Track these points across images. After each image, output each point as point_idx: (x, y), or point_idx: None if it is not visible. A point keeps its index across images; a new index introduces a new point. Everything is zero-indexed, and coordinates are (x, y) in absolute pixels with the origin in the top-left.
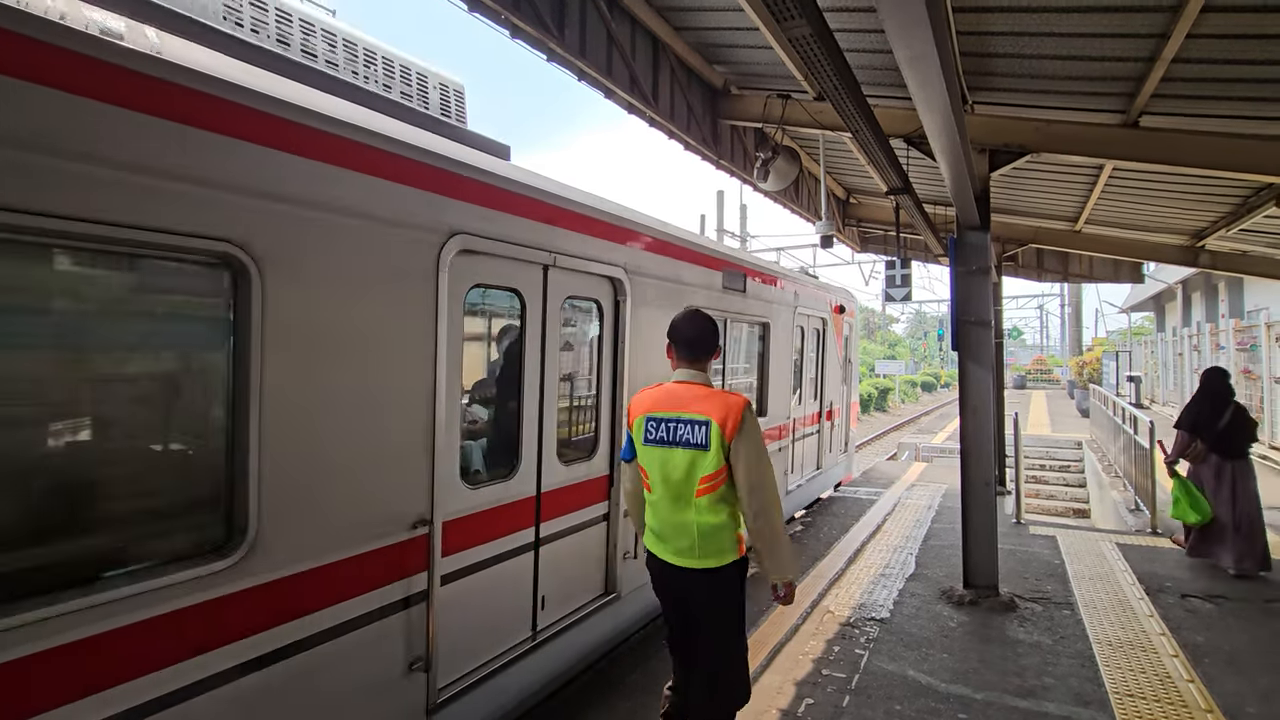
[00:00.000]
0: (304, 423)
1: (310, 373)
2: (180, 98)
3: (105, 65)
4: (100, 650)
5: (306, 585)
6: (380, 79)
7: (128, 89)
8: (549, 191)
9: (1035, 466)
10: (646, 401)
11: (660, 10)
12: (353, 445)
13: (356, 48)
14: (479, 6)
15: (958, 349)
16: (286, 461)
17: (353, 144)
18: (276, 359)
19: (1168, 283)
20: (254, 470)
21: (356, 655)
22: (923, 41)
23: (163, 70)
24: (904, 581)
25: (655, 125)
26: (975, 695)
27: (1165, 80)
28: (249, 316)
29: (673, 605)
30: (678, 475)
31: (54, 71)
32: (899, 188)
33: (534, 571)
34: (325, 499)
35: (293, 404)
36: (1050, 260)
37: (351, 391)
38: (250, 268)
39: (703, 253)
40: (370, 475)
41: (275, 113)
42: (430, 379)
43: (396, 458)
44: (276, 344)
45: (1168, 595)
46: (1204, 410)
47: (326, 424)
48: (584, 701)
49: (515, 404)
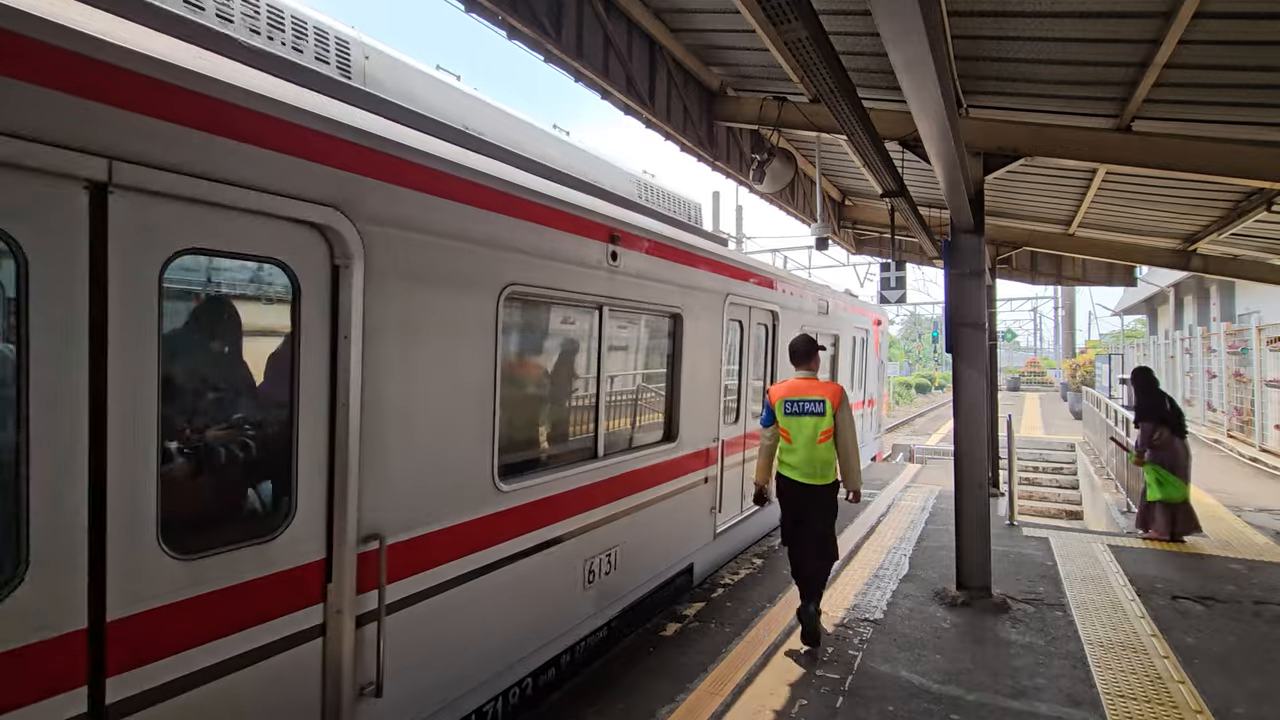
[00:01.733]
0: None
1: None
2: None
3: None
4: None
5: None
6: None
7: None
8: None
9: (1028, 469)
10: (783, 389)
11: (657, 12)
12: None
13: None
14: (476, 7)
15: (951, 351)
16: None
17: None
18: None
19: (1160, 286)
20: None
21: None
22: (918, 47)
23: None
24: (897, 583)
25: (652, 126)
26: (967, 696)
27: (1158, 85)
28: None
29: (795, 510)
30: (808, 431)
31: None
32: (894, 190)
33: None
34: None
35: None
36: (1044, 263)
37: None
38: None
39: (817, 292)
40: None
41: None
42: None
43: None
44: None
45: (1159, 597)
46: (1156, 403)
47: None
48: (580, 699)
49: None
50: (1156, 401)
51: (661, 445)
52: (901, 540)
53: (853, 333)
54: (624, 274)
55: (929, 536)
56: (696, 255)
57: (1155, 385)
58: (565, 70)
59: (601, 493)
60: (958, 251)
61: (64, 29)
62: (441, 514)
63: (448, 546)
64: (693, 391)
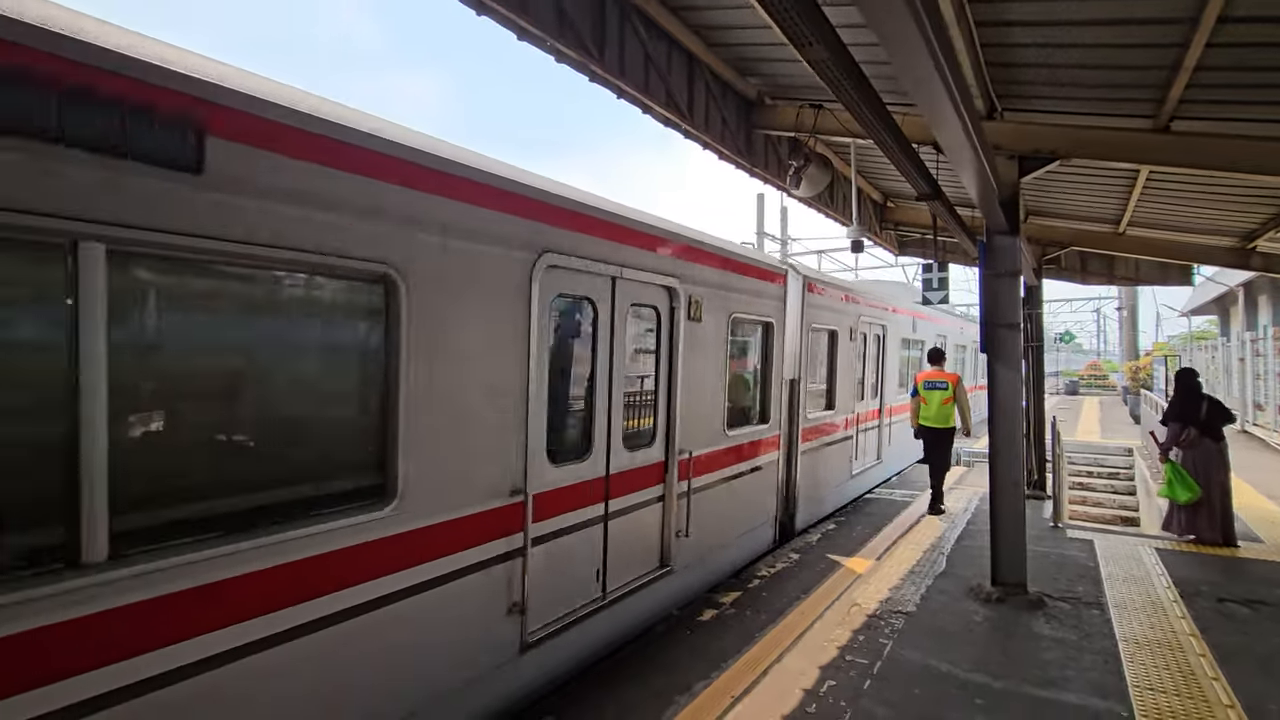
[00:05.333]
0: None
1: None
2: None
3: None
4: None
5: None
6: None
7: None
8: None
9: (1082, 473)
10: (922, 376)
11: (696, 29)
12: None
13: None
14: (527, 35)
15: (987, 352)
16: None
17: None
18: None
19: (1229, 285)
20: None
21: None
22: (926, 68)
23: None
24: (932, 579)
25: (691, 137)
26: (994, 683)
27: (1190, 86)
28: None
29: (928, 441)
30: (936, 399)
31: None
32: (928, 194)
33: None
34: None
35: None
36: (1094, 263)
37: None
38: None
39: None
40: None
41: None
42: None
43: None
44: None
45: (1203, 599)
46: (1188, 405)
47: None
48: (621, 673)
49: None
50: (1191, 404)
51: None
52: (940, 539)
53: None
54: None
55: (968, 536)
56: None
57: (1196, 388)
58: (608, 88)
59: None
60: (992, 253)
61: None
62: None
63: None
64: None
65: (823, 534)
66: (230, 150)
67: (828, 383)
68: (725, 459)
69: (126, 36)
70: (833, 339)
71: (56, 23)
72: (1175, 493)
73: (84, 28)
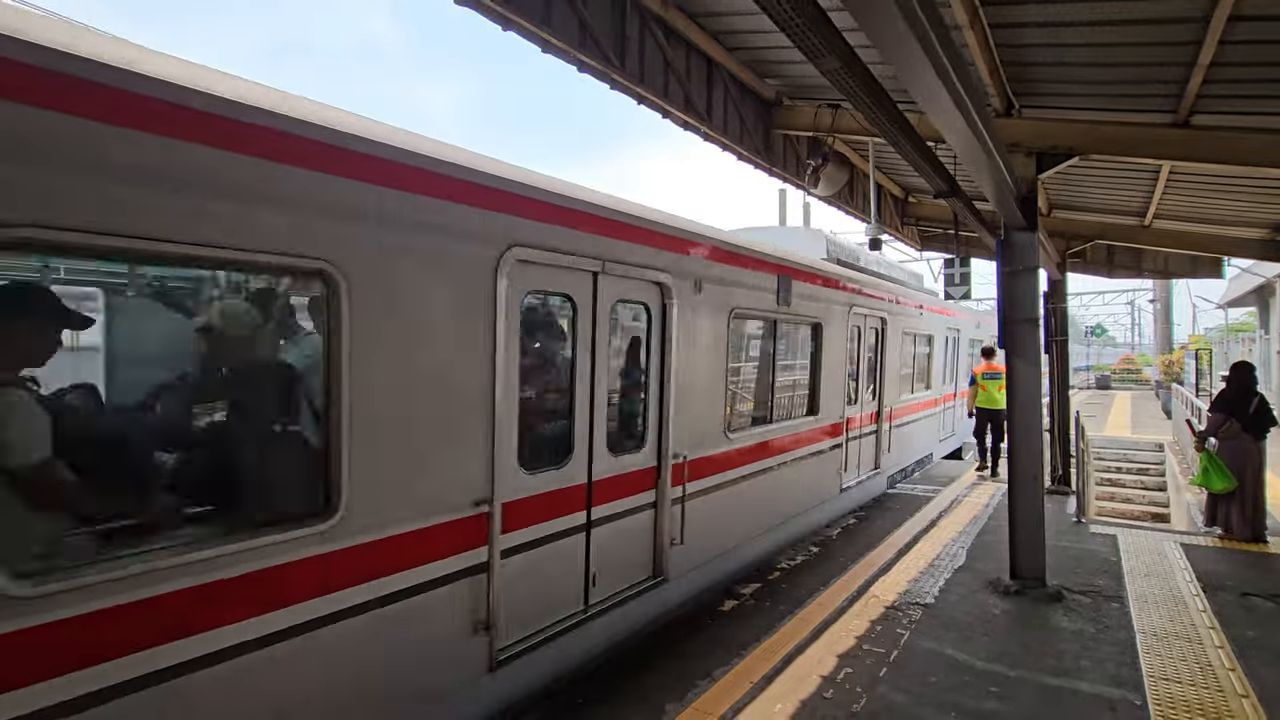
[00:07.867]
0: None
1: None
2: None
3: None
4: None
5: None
6: None
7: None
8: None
9: (1110, 469)
10: (981, 368)
11: (714, 34)
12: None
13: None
14: (551, 47)
15: (1005, 347)
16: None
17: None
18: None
19: (1266, 277)
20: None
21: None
22: (935, 86)
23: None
24: (952, 572)
25: (710, 140)
26: (1009, 672)
27: (1208, 82)
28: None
29: (988, 420)
30: (995, 385)
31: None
32: (946, 191)
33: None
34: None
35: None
36: (1122, 256)
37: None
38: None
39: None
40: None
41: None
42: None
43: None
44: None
45: (1226, 593)
46: (1239, 399)
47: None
48: (641, 660)
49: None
50: (1241, 398)
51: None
52: (961, 534)
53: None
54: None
55: (989, 531)
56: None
57: (1251, 383)
58: (629, 95)
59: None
60: (1010, 249)
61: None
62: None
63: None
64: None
65: (842, 529)
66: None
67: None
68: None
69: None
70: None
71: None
72: (1210, 481)
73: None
